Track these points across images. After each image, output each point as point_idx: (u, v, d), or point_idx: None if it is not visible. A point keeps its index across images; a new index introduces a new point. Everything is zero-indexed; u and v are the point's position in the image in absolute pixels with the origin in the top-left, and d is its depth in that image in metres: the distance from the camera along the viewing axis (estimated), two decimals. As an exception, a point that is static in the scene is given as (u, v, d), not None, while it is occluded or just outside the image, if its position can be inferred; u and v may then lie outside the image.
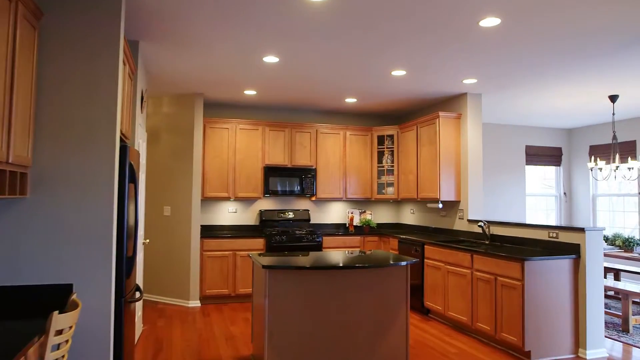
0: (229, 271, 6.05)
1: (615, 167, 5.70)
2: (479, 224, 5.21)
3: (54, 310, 2.10)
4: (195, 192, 6.02)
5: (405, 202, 7.36)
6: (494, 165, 8.10)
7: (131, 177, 3.25)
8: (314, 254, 4.26)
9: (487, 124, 8.10)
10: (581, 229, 4.17)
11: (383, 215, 7.50)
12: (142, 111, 4.61)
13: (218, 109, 6.81)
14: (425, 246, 5.52)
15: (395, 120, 7.66)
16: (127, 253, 3.17)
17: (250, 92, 5.93)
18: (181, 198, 6.07)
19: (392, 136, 6.91)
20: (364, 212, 7.26)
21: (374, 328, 3.83)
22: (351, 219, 6.97)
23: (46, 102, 2.70)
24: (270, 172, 6.49)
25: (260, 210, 6.79)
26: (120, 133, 3.10)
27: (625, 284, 5.28)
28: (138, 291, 3.61)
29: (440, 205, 5.95)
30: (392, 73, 4.94)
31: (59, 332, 2.10)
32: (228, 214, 6.72)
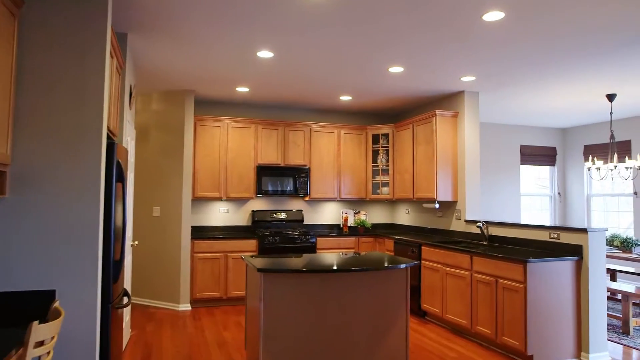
0: (221, 273, 5.87)
1: (614, 167, 5.64)
2: (478, 225, 5.10)
3: (35, 319, 1.94)
4: (185, 192, 5.84)
5: (400, 202, 7.25)
6: (489, 165, 8.03)
7: (119, 176, 3.08)
8: (310, 256, 4.12)
9: (483, 124, 8.03)
10: (584, 230, 4.08)
11: (377, 215, 7.37)
12: (131, 107, 4.43)
13: (209, 107, 6.63)
14: (422, 247, 5.40)
15: (390, 119, 7.54)
16: (115, 256, 3.00)
17: (242, 89, 5.77)
18: (171, 198, 5.89)
19: (387, 135, 6.79)
20: (359, 213, 7.14)
21: (373, 332, 3.70)
22: (345, 220, 6.84)
23: (27, 96, 2.52)
24: (262, 172, 6.33)
25: (252, 210, 6.63)
26: (107, 129, 2.93)
27: (620, 284, 5.21)
28: (126, 296, 3.44)
29: (436, 205, 5.84)
30: (390, 69, 4.81)
31: (40, 344, 1.95)
32: (219, 215, 6.55)
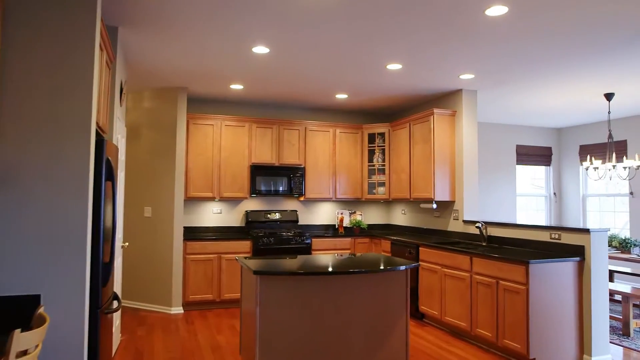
0: (214, 275, 5.73)
1: (612, 166, 5.59)
2: (477, 225, 5.01)
3: (17, 326, 1.80)
4: (177, 192, 5.69)
5: (396, 203, 7.15)
6: (485, 164, 7.97)
7: (109, 174, 2.94)
8: (306, 257, 4.00)
9: (479, 123, 7.96)
10: (586, 230, 4.00)
11: (373, 216, 7.27)
12: (122, 104, 4.28)
13: (202, 105, 6.48)
14: (420, 248, 5.30)
15: (386, 117, 7.44)
16: (104, 258, 2.86)
17: (237, 87, 5.64)
18: (163, 198, 5.74)
19: (383, 134, 6.69)
20: (354, 213, 7.03)
21: (372, 336, 3.59)
22: (341, 220, 6.73)
23: (9, 88, 2.38)
24: (257, 171, 6.20)
25: (246, 211, 6.49)
26: (96, 125, 2.79)
27: (616, 285, 5.15)
28: (116, 300, 3.30)
29: (434, 205, 5.75)
30: (388, 67, 4.71)
31: (23, 353, 1.82)
32: (212, 215, 6.41)
